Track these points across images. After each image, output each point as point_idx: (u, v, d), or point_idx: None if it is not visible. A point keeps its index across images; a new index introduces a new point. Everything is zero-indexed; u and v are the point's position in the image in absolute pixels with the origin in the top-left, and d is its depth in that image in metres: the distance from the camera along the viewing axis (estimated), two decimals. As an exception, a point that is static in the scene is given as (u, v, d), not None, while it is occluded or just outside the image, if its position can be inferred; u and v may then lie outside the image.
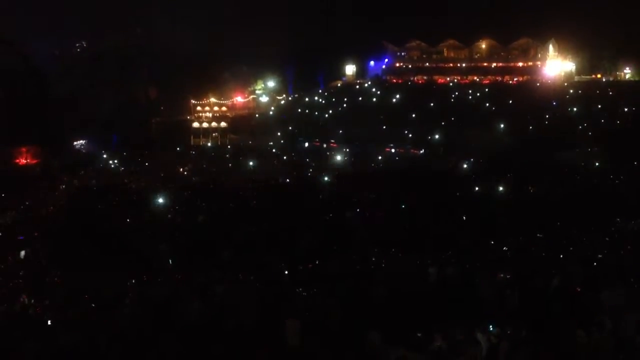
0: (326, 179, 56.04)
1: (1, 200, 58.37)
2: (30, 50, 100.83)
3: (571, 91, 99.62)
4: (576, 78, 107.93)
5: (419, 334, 11.44)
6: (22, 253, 34.77)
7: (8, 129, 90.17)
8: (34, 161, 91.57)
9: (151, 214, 42.48)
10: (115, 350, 13.02)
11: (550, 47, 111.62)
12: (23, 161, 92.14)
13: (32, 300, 20.70)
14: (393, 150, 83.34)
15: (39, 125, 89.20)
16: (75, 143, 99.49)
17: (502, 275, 16.15)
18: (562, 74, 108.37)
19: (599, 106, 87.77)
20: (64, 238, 35.47)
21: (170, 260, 26.22)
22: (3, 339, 14.59)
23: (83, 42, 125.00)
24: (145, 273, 23.17)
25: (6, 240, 39.53)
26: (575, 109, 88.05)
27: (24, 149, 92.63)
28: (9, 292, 23.07)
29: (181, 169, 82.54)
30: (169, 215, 42.00)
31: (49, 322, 16.11)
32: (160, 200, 47.05)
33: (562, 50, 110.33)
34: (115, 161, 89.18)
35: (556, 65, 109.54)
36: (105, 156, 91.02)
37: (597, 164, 56.71)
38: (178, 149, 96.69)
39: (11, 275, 27.78)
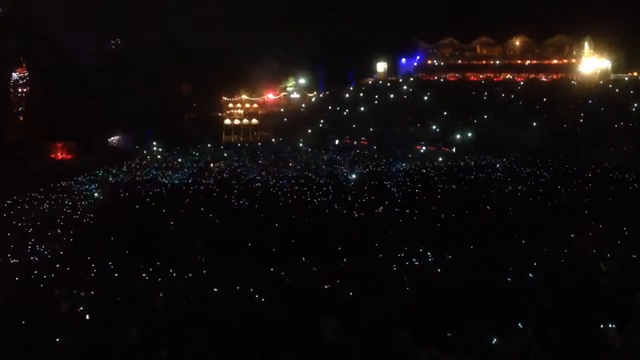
0: (355, 176, 56.03)
1: (37, 194, 59.56)
2: (66, 47, 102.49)
3: (607, 89, 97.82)
4: (612, 76, 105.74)
5: (449, 334, 11.41)
6: (57, 247, 35.53)
7: (44, 124, 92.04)
8: (69, 156, 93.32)
9: (183, 209, 42.92)
10: (148, 344, 13.21)
11: (586, 44, 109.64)
12: (59, 156, 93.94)
13: (66, 295, 21.07)
14: (424, 148, 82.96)
15: (74, 120, 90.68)
16: (109, 139, 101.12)
17: (534, 274, 16.00)
18: (598, 71, 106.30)
19: (636, 105, 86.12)
20: (99, 233, 36.06)
21: (202, 256, 26.49)
22: (37, 333, 14.88)
23: (118, 39, 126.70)
24: (177, 268, 23.44)
25: (42, 235, 40.36)
26: (611, 108, 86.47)
27: (59, 144, 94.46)
28: (43, 286, 23.51)
29: (212, 165, 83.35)
30: (202, 210, 42.40)
31: (86, 317, 16.37)
32: (192, 196, 47.55)
33: (598, 47, 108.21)
34: (149, 157, 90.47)
35: (592, 63, 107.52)
36: (139, 152, 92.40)
37: (632, 163, 55.65)
38: (209, 145, 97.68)
39: (46, 269, 28.32)
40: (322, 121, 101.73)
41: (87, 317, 16.30)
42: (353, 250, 23.82)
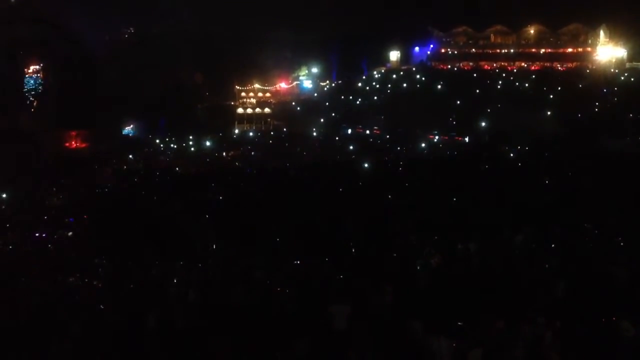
0: (368, 165, 55.87)
1: (52, 183, 60.04)
2: (80, 36, 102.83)
3: (622, 78, 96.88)
4: (628, 65, 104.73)
5: (460, 323, 11.41)
6: (70, 234, 35.81)
7: (59, 113, 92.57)
8: (84, 145, 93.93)
9: (196, 197, 43.09)
10: (161, 331, 13.31)
11: (601, 32, 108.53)
12: (73, 145, 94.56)
13: (80, 282, 21.27)
14: (437, 138, 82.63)
15: (88, 109, 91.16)
16: (123, 127, 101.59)
17: (548, 265, 15.95)
18: (613, 60, 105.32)
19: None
20: (112, 220, 36.28)
21: (214, 245, 26.60)
22: (52, 320, 15.03)
23: (131, 28, 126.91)
24: (190, 256, 23.57)
25: (56, 222, 40.70)
26: (626, 97, 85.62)
27: (74, 133, 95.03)
28: (58, 274, 23.72)
29: (225, 154, 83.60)
30: (214, 199, 42.55)
31: (97, 304, 16.52)
32: (205, 185, 47.69)
33: (614, 36, 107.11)
34: (162, 145, 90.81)
35: (607, 52, 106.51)
36: (152, 140, 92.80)
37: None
38: (220, 134, 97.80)
39: (60, 257, 28.57)
40: (334, 110, 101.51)
41: (102, 304, 16.44)
42: (365, 239, 23.82)
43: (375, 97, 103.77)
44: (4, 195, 53.51)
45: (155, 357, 12.38)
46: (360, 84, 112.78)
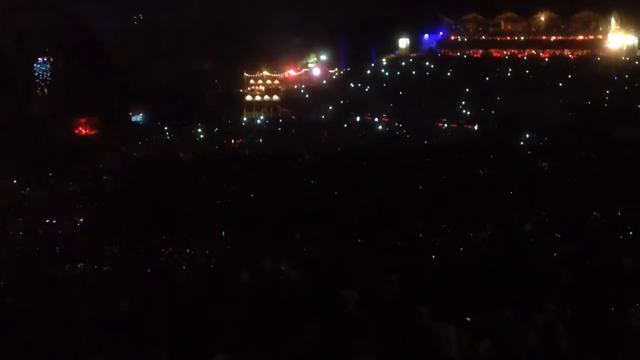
0: (376, 152, 55.82)
1: (61, 169, 60.24)
2: (89, 23, 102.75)
3: (633, 66, 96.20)
4: (639, 52, 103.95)
5: (468, 318, 11.37)
6: (81, 221, 36.02)
7: (68, 99, 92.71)
8: (93, 132, 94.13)
9: (204, 183, 43.22)
10: (170, 318, 13.34)
11: (613, 20, 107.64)
12: (82, 131, 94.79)
13: (90, 268, 21.39)
14: (446, 126, 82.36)
15: (97, 96, 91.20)
16: (132, 114, 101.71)
17: (556, 253, 15.91)
18: (624, 48, 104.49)
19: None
20: (121, 207, 36.44)
21: (222, 231, 26.69)
22: (61, 306, 15.09)
23: (140, 15, 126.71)
24: (198, 242, 23.66)
25: (66, 209, 40.89)
26: (637, 84, 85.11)
27: (83, 120, 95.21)
28: (67, 260, 23.85)
29: (233, 141, 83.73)
30: (223, 184, 42.68)
31: (106, 290, 16.57)
32: (213, 172, 47.77)
33: (625, 23, 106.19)
34: (171, 133, 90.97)
35: (618, 39, 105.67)
36: (161, 127, 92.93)
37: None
38: (229, 121, 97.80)
39: (70, 243, 28.73)
40: (343, 98, 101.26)
41: (110, 290, 16.49)
42: (374, 226, 23.83)
43: (384, 85, 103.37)
44: (14, 182, 53.75)
45: (163, 342, 12.42)
46: (368, 72, 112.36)
